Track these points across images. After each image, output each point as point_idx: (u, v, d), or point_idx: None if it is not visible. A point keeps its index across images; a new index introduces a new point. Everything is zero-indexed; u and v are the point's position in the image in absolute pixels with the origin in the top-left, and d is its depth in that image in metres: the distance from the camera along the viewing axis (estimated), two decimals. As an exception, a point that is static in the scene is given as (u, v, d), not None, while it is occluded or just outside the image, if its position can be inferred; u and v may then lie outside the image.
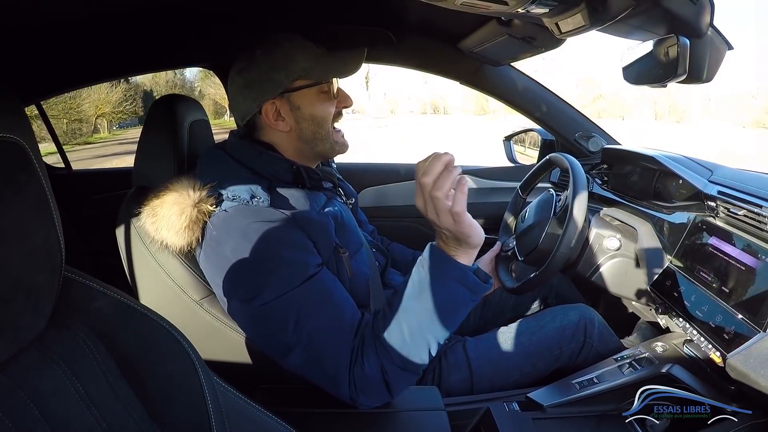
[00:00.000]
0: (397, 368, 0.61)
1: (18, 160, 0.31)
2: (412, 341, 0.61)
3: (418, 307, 0.61)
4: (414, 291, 0.62)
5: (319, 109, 0.74)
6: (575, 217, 0.81)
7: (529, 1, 0.55)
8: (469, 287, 0.61)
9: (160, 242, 0.67)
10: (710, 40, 0.66)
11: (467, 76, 1.35)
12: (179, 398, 0.40)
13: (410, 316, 0.61)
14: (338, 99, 0.77)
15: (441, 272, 0.61)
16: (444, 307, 0.60)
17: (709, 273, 0.74)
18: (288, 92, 0.72)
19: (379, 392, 0.62)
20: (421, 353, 0.62)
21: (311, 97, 0.73)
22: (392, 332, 0.61)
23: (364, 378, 0.60)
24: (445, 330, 0.62)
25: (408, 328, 0.61)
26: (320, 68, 0.72)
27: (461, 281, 0.61)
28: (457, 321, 0.63)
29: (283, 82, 0.72)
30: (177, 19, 1.00)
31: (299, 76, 0.72)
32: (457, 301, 0.61)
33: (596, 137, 1.36)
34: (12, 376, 0.31)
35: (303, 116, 0.73)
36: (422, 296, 0.61)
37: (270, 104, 0.72)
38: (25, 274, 0.31)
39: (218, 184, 0.67)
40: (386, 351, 0.60)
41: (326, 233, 0.68)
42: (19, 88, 1.16)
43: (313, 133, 0.74)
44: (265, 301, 0.61)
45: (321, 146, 0.76)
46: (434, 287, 0.60)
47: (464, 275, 0.61)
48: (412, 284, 0.62)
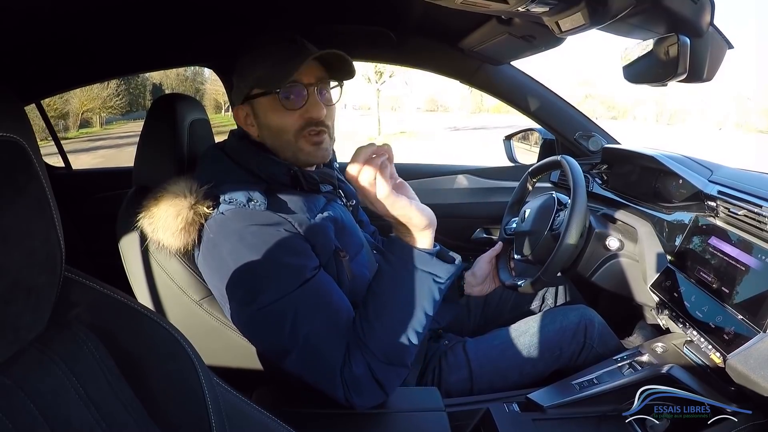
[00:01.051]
0: (383, 364, 0.61)
1: (18, 160, 0.31)
2: (390, 335, 0.61)
3: (388, 301, 0.61)
4: (382, 285, 0.62)
5: (272, 119, 0.71)
6: (567, 243, 0.83)
7: (529, 0, 0.55)
8: (433, 270, 0.61)
9: (157, 243, 0.67)
10: (710, 39, 0.66)
11: (468, 75, 1.35)
12: (179, 398, 0.40)
13: (383, 311, 0.61)
14: (303, 109, 0.70)
15: (401, 261, 0.61)
16: (414, 295, 0.60)
17: (709, 273, 0.74)
18: (248, 99, 0.73)
19: (371, 391, 0.62)
20: (403, 345, 0.62)
21: (266, 106, 0.71)
22: (370, 329, 0.61)
23: (354, 378, 0.61)
24: (421, 317, 0.62)
25: (383, 322, 0.61)
26: (274, 77, 0.69)
27: (423, 265, 0.60)
28: (431, 306, 0.62)
29: (243, 89, 0.73)
30: (177, 19, 1.00)
31: (253, 84, 0.72)
32: (424, 286, 0.61)
33: (596, 137, 1.36)
34: (12, 376, 0.31)
35: (262, 124, 0.73)
36: (390, 288, 0.61)
37: (240, 109, 0.75)
38: (25, 275, 0.31)
39: (216, 185, 0.67)
40: (369, 350, 0.61)
41: (325, 237, 0.68)
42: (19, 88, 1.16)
43: (272, 141, 0.73)
44: (261, 305, 0.61)
45: (283, 154, 0.73)
46: (399, 277, 0.61)
47: (424, 259, 0.60)
48: (379, 279, 0.63)
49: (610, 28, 0.61)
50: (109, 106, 16.79)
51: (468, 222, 1.48)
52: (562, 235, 0.83)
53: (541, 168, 1.03)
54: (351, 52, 0.73)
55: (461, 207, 1.49)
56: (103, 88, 16.96)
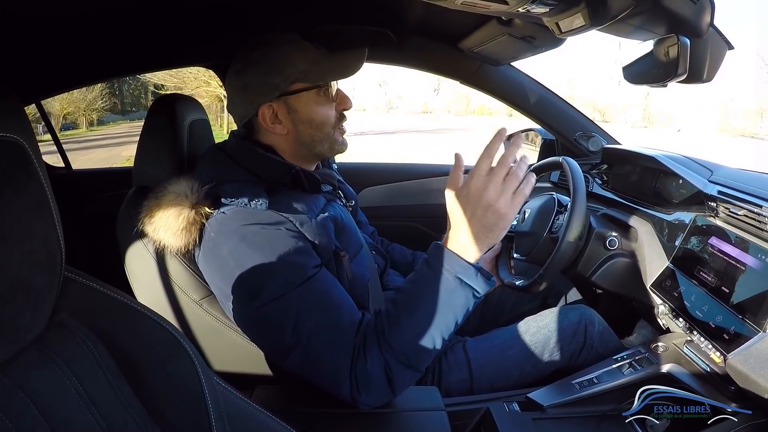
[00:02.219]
0: (402, 366, 0.61)
1: (18, 160, 0.31)
2: (418, 339, 0.61)
3: (424, 304, 0.61)
4: (419, 288, 0.62)
5: (317, 112, 0.73)
6: (564, 248, 0.84)
7: (529, 1, 0.55)
8: (475, 285, 0.61)
9: (158, 243, 0.67)
10: (710, 39, 0.66)
11: (467, 75, 1.35)
12: (179, 398, 0.40)
13: (415, 313, 0.61)
14: (337, 101, 0.76)
15: (447, 270, 0.61)
16: (451, 304, 0.60)
17: (709, 273, 0.74)
18: (285, 95, 0.72)
19: (381, 390, 0.61)
20: (427, 351, 0.62)
21: (309, 100, 0.72)
22: (397, 330, 0.60)
23: (367, 375, 0.60)
24: (449, 328, 0.62)
25: (414, 325, 0.60)
26: (318, 70, 0.71)
27: (467, 279, 0.60)
28: (460, 319, 0.62)
29: (280, 85, 0.71)
30: (178, 19, 1.00)
31: (296, 79, 0.71)
32: (462, 297, 0.61)
33: (596, 137, 1.36)
34: (12, 376, 0.31)
35: (301, 119, 0.73)
36: (428, 294, 0.61)
37: (267, 107, 0.72)
38: (25, 274, 0.31)
39: (217, 185, 0.67)
40: (391, 349, 0.60)
41: (325, 236, 0.68)
42: (19, 88, 1.16)
43: (311, 136, 0.74)
44: (263, 303, 0.61)
45: (319, 148, 0.76)
46: (440, 284, 0.60)
47: (469, 273, 0.61)
48: (417, 282, 0.62)
49: (610, 28, 0.61)
50: (94, 108, 16.75)
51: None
52: (560, 240, 0.84)
53: (543, 167, 1.03)
54: (351, 52, 0.73)
55: None
56: (89, 91, 16.88)
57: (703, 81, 0.69)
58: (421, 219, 1.49)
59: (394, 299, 0.64)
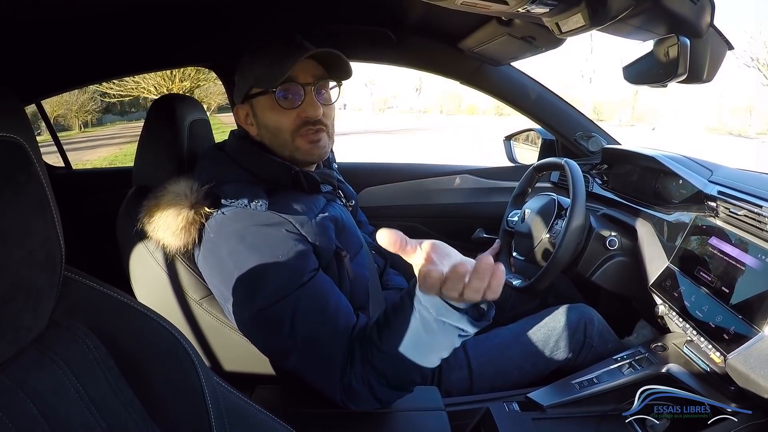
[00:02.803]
0: (385, 387, 0.59)
1: (18, 160, 0.31)
2: (398, 366, 0.57)
3: (404, 338, 0.56)
4: (399, 323, 0.56)
5: (270, 118, 0.72)
6: (560, 255, 0.84)
7: (529, 1, 0.55)
8: (460, 325, 0.54)
9: (157, 242, 0.67)
10: (710, 40, 0.66)
11: (467, 75, 1.35)
12: (179, 398, 0.40)
13: (395, 343, 0.56)
14: (300, 108, 0.71)
15: (429, 311, 0.53)
16: (431, 346, 0.56)
17: (709, 273, 0.74)
18: (248, 99, 0.74)
19: (368, 402, 0.61)
20: (409, 379, 0.60)
21: (264, 105, 0.72)
22: (378, 355, 0.58)
23: (352, 389, 0.59)
24: (434, 361, 0.58)
25: (393, 358, 0.57)
26: (268, 76, 0.69)
27: (450, 321, 0.53)
28: (446, 353, 0.58)
29: (243, 88, 0.74)
30: (178, 19, 1.00)
31: (252, 84, 0.72)
32: (448, 337, 0.55)
33: (596, 137, 1.36)
34: (12, 376, 0.31)
35: (260, 124, 0.74)
36: (408, 332, 0.55)
37: (240, 108, 0.75)
38: (25, 275, 0.31)
39: (216, 185, 0.67)
40: (373, 369, 0.58)
41: (325, 236, 0.68)
42: (19, 88, 1.16)
43: (270, 141, 0.74)
44: (261, 306, 0.61)
45: (280, 153, 0.74)
46: (420, 325, 0.54)
47: (452, 315, 0.53)
48: (398, 314, 0.56)
49: (610, 29, 0.61)
50: (86, 111, 16.73)
51: (468, 222, 1.48)
52: (557, 247, 0.84)
53: (546, 165, 1.04)
54: (351, 53, 0.73)
55: (461, 207, 1.49)
56: (81, 93, 16.86)
57: (703, 81, 0.69)
58: (421, 219, 1.50)
59: (378, 323, 0.60)
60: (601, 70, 24.94)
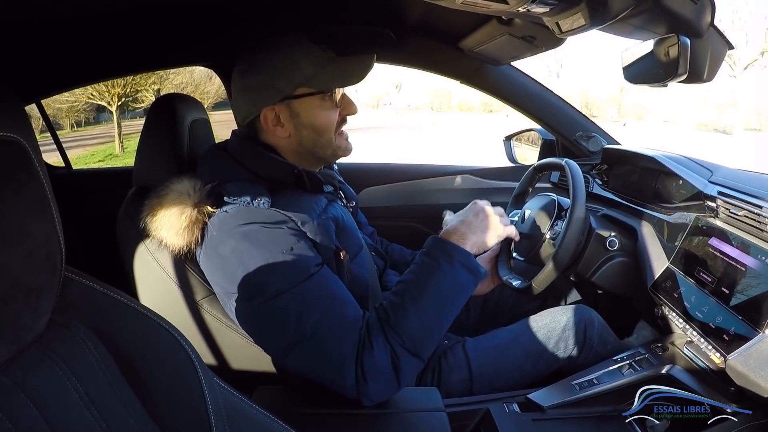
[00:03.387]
0: (408, 353, 0.62)
1: (18, 160, 0.31)
2: (424, 325, 0.63)
3: (430, 290, 0.64)
4: (423, 277, 0.66)
5: (320, 118, 0.72)
6: (560, 258, 0.85)
7: (529, 1, 0.55)
8: (473, 271, 0.68)
9: (159, 242, 0.67)
10: (710, 39, 0.66)
11: (468, 75, 1.35)
12: (179, 398, 0.40)
13: (421, 299, 0.64)
14: (341, 106, 0.75)
15: (448, 257, 0.66)
16: (452, 288, 0.66)
17: (709, 274, 0.74)
18: (288, 99, 0.71)
19: (388, 379, 0.61)
20: (431, 337, 0.64)
21: (312, 105, 0.71)
22: (403, 317, 0.62)
23: (374, 364, 0.60)
24: (454, 310, 0.67)
25: (420, 312, 0.63)
26: (324, 76, 0.70)
27: (466, 264, 0.67)
28: (460, 305, 0.68)
29: (284, 89, 0.70)
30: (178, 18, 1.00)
31: (301, 83, 0.70)
32: (462, 283, 0.67)
33: (596, 137, 1.35)
34: (12, 376, 0.31)
35: (303, 124, 0.72)
36: (433, 280, 0.65)
37: (269, 110, 0.71)
38: (25, 274, 0.31)
39: (219, 184, 0.67)
40: (398, 335, 0.62)
41: (326, 236, 0.68)
42: (19, 88, 1.16)
43: (313, 140, 0.74)
44: (266, 299, 0.61)
45: (322, 152, 0.75)
46: (442, 270, 0.65)
47: (468, 258, 0.68)
48: (420, 272, 0.66)
49: (610, 28, 0.61)
50: (76, 111, 16.76)
51: (468, 222, 1.47)
52: (556, 249, 0.85)
53: (547, 165, 1.04)
54: (351, 52, 0.73)
55: (461, 207, 1.49)
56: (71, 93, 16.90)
57: (703, 81, 0.69)
58: (421, 219, 1.49)
59: (396, 290, 0.66)
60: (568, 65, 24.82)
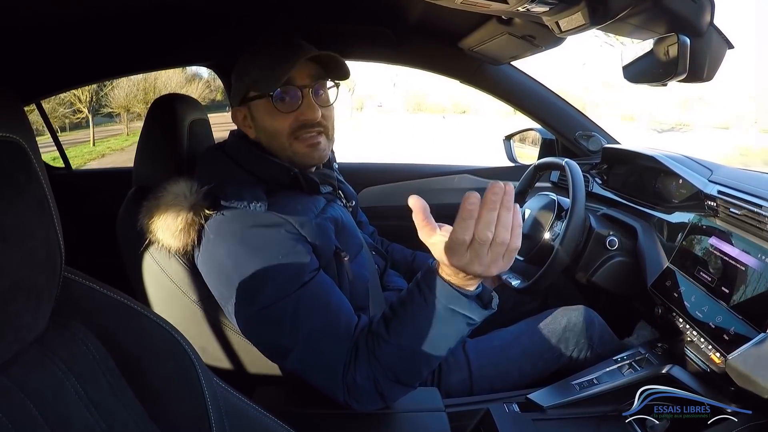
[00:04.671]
0: (390, 381, 0.60)
1: (18, 160, 0.31)
2: (406, 359, 0.59)
3: (412, 328, 0.58)
4: (409, 314, 0.59)
5: (267, 122, 0.71)
6: (558, 258, 0.85)
7: (529, 0, 0.55)
8: (469, 313, 0.57)
9: (157, 243, 0.67)
10: (710, 39, 0.66)
11: (467, 74, 1.35)
12: (179, 398, 0.40)
13: (403, 335, 0.59)
14: (298, 111, 0.70)
15: (437, 298, 0.56)
16: (441, 332, 0.58)
17: (709, 273, 0.74)
18: (246, 102, 0.73)
19: (372, 401, 0.61)
20: (417, 370, 0.61)
21: (262, 108, 0.71)
22: (386, 349, 0.59)
23: (357, 387, 0.60)
24: (442, 351, 0.60)
25: (401, 346, 0.59)
26: (265, 79, 0.69)
27: (459, 309, 0.56)
28: (454, 343, 0.60)
29: (240, 91, 0.73)
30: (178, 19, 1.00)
31: (250, 87, 0.72)
32: (455, 325, 0.58)
33: (596, 136, 1.35)
34: (12, 376, 0.31)
35: (258, 127, 0.73)
36: (417, 321, 0.58)
37: (237, 110, 0.75)
38: (24, 275, 0.31)
39: (216, 186, 0.67)
40: (380, 365, 0.59)
41: (325, 237, 0.68)
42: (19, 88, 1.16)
43: (268, 144, 0.73)
44: (261, 306, 0.61)
45: (281, 156, 0.73)
46: (430, 312, 0.57)
47: (462, 302, 0.56)
48: (407, 305, 0.59)
49: (610, 28, 0.61)
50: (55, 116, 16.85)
51: (468, 222, 1.47)
52: (555, 250, 0.85)
53: (547, 165, 1.04)
54: (351, 52, 0.73)
55: None
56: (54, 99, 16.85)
57: (703, 80, 0.69)
58: None
59: (385, 316, 0.61)
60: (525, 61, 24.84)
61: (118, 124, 13.38)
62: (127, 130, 12.88)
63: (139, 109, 12.86)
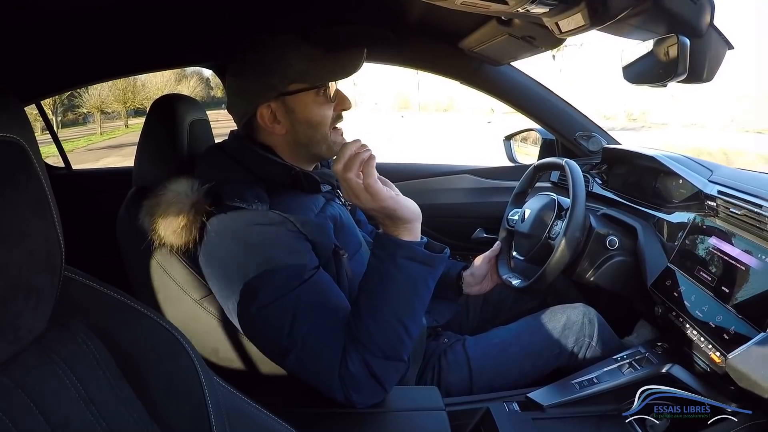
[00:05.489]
0: (379, 359, 0.61)
1: (18, 160, 0.31)
2: (383, 330, 0.62)
3: (378, 296, 0.62)
4: (372, 281, 0.63)
5: (314, 113, 0.72)
6: (558, 257, 0.85)
7: (529, 1, 0.55)
8: (422, 261, 0.62)
9: (158, 242, 0.67)
10: (710, 39, 0.66)
11: (467, 75, 1.35)
12: (179, 398, 0.40)
13: (374, 306, 0.62)
14: (336, 101, 0.74)
15: (389, 255, 0.62)
16: (404, 288, 0.62)
17: (709, 273, 0.74)
18: (283, 95, 0.71)
19: (370, 387, 0.62)
20: (398, 338, 0.62)
21: (307, 100, 0.71)
22: (363, 326, 0.61)
23: (351, 376, 0.61)
24: (413, 309, 0.63)
25: (375, 318, 0.61)
26: (316, 71, 0.70)
27: (412, 258, 0.62)
28: (424, 298, 0.64)
29: (278, 86, 0.70)
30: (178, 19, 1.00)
31: (294, 79, 0.70)
32: (414, 278, 0.62)
33: (596, 137, 1.35)
34: (12, 376, 0.31)
35: (298, 120, 0.72)
36: (380, 284, 0.62)
37: (265, 107, 0.71)
38: (25, 274, 0.31)
39: (217, 185, 0.67)
40: (363, 346, 0.61)
41: (324, 235, 0.68)
42: (19, 88, 1.16)
43: (308, 136, 0.73)
44: (261, 305, 0.61)
45: (317, 149, 0.74)
46: (387, 271, 0.62)
47: (412, 251, 0.62)
48: (369, 275, 0.64)
49: (609, 28, 0.61)
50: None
51: (468, 222, 1.48)
52: (555, 249, 0.85)
53: (547, 165, 1.04)
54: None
55: (461, 207, 1.49)
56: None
57: (702, 81, 0.69)
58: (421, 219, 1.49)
59: (357, 297, 0.65)
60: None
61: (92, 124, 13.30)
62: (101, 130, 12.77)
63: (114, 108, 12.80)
